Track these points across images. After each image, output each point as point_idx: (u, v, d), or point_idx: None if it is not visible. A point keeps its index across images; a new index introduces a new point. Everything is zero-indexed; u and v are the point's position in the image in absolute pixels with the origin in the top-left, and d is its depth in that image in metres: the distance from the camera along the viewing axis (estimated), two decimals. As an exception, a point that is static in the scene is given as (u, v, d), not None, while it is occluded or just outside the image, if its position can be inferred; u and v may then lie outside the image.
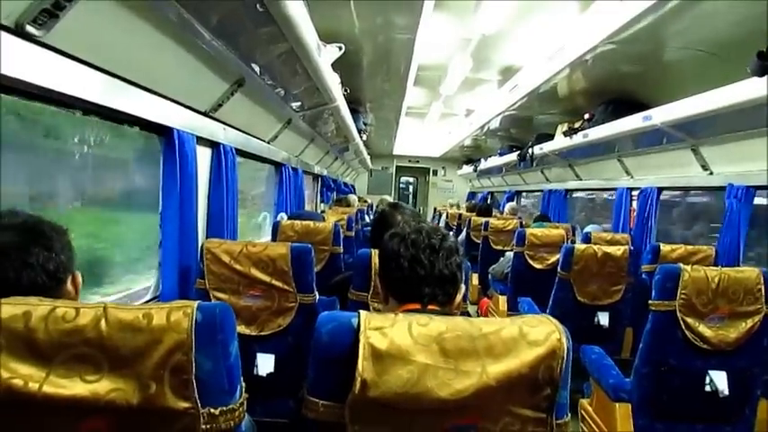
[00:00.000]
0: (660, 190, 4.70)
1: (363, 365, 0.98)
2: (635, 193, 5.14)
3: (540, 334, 1.04)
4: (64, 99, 1.75)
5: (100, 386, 0.96)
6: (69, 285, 1.26)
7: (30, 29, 1.43)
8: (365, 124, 7.67)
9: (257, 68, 2.72)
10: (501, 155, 8.74)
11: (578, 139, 5.17)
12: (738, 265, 3.46)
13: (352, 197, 8.34)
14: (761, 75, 2.55)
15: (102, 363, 0.97)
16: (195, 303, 1.02)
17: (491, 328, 1.03)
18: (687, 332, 2.25)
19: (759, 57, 2.52)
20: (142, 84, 2.15)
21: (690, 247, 3.56)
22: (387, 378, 0.99)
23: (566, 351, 1.03)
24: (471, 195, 13.88)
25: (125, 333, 0.97)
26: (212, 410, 1.02)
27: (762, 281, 2.22)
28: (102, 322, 0.97)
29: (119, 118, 2.16)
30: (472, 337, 1.02)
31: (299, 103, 3.83)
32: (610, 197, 6.11)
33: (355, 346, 1.00)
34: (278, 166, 4.90)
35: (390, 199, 8.16)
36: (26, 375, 0.93)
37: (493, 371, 1.00)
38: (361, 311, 1.05)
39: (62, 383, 0.95)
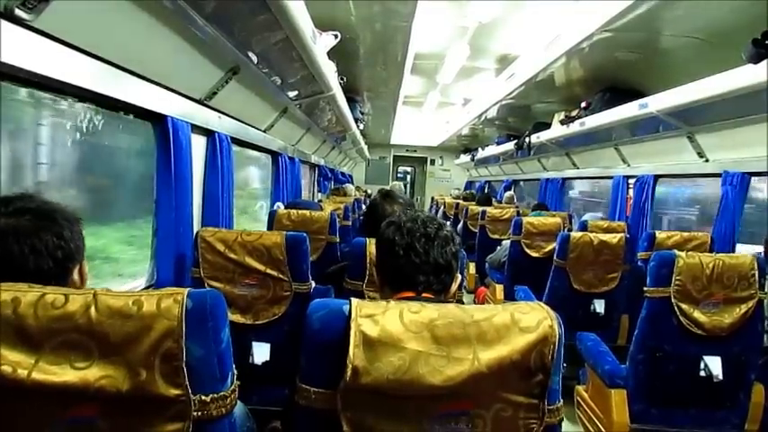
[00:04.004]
0: (656, 177, 4.70)
1: (355, 353, 0.99)
2: (631, 180, 5.15)
3: (531, 320, 1.04)
4: (56, 85, 1.73)
5: (90, 373, 0.96)
6: (76, 275, 1.25)
7: (19, 13, 1.41)
8: (362, 113, 7.64)
9: (252, 56, 2.70)
10: (498, 144, 8.74)
11: (575, 127, 5.16)
12: (733, 252, 3.47)
13: (349, 186, 8.33)
14: (756, 62, 2.55)
15: (91, 349, 0.97)
16: (186, 290, 1.02)
17: (483, 315, 1.03)
18: (682, 318, 2.26)
19: (754, 44, 2.52)
20: (135, 71, 2.13)
21: (685, 234, 3.58)
22: (378, 365, 0.99)
23: (557, 337, 1.04)
24: (469, 185, 13.89)
25: (115, 320, 0.97)
26: (203, 397, 1.03)
27: (755, 266, 2.23)
28: (92, 309, 0.97)
29: (112, 105, 2.15)
30: (464, 323, 1.02)
31: (295, 92, 3.81)
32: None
33: (347, 334, 1.00)
34: (274, 155, 4.88)
35: (400, 185, 8.16)
36: (15, 362, 0.93)
37: (485, 357, 1.00)
38: (352, 299, 1.05)
39: (52, 370, 0.95)
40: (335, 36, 3.71)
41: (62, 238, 1.20)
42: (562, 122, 5.48)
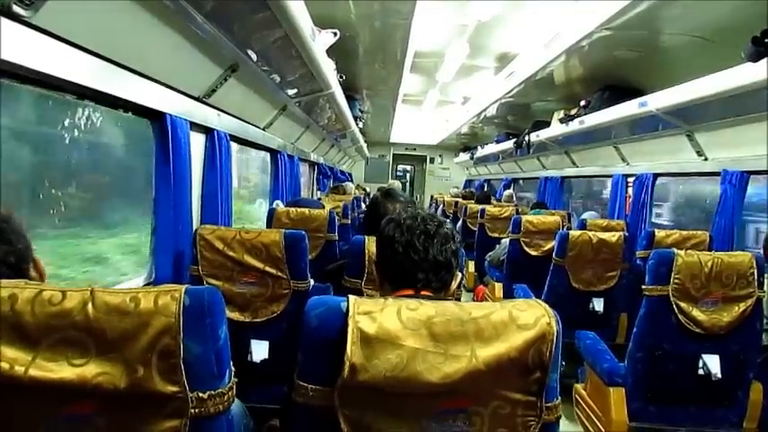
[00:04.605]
0: (655, 176, 4.70)
1: (352, 350, 0.98)
2: (630, 179, 5.15)
3: (529, 318, 1.04)
4: (54, 82, 1.73)
5: (87, 370, 0.96)
6: (33, 272, 1.23)
7: (16, 9, 1.40)
8: (361, 111, 7.64)
9: (251, 54, 2.70)
10: (498, 142, 8.73)
11: (574, 125, 5.16)
12: (732, 250, 3.46)
13: (348, 185, 8.33)
14: (755, 60, 2.55)
15: (89, 346, 0.97)
16: (183, 287, 1.02)
17: (480, 313, 1.03)
18: (681, 316, 2.26)
19: (753, 42, 2.52)
20: (134, 68, 2.12)
21: (684, 233, 3.59)
22: (376, 362, 0.99)
23: (555, 335, 1.04)
24: (468, 183, 13.89)
25: (112, 316, 0.97)
26: (201, 394, 1.03)
27: (754, 265, 2.23)
28: (89, 305, 0.97)
29: (110, 102, 2.14)
30: (461, 321, 1.02)
31: (294, 90, 3.80)
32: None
33: (344, 331, 1.00)
34: (273, 153, 4.88)
35: (398, 183, 8.18)
36: (12, 359, 0.93)
37: (482, 355, 1.00)
38: (350, 296, 1.05)
39: (49, 367, 0.95)
40: (335, 34, 3.71)
41: (9, 243, 1.17)
42: (561, 121, 5.48)
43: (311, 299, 1.08)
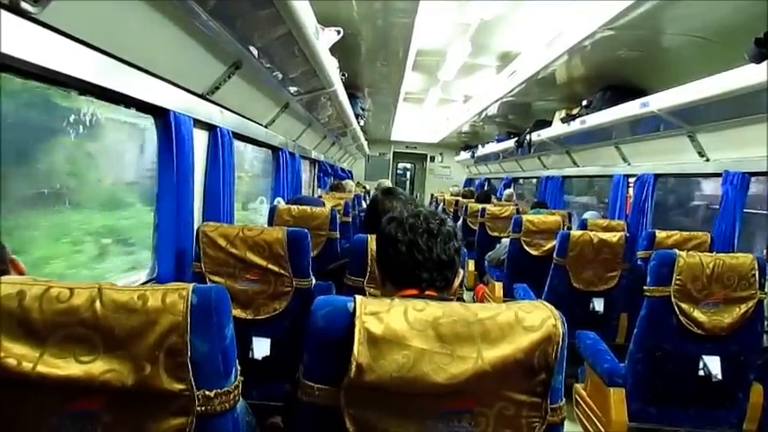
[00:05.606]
0: (656, 176, 4.70)
1: (359, 350, 0.99)
2: (631, 180, 5.15)
3: (535, 319, 1.04)
4: (59, 78, 1.73)
5: (94, 367, 0.96)
6: (13, 273, 1.23)
7: (25, 5, 1.40)
8: (363, 109, 7.63)
9: (255, 51, 2.70)
10: (499, 141, 8.74)
11: (576, 125, 5.16)
12: (733, 251, 3.47)
13: (349, 182, 8.32)
14: (758, 61, 2.55)
15: (96, 343, 0.97)
16: (191, 286, 1.02)
17: (487, 314, 1.03)
18: (681, 317, 2.26)
19: (756, 43, 2.52)
20: (139, 64, 2.13)
21: (685, 234, 3.59)
22: (382, 362, 0.99)
23: (561, 336, 1.04)
24: (468, 182, 13.88)
25: (120, 314, 0.97)
26: (207, 392, 1.03)
27: (756, 267, 2.23)
28: (97, 303, 0.97)
29: (114, 98, 2.14)
30: (468, 322, 1.02)
31: (296, 87, 3.80)
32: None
33: (351, 331, 1.00)
34: (275, 150, 4.88)
35: (388, 182, 8.17)
36: (20, 355, 0.94)
37: (488, 356, 1.01)
38: (357, 296, 1.05)
39: (56, 363, 0.95)
40: (338, 32, 3.70)
41: None
42: (563, 120, 5.48)
43: (317, 299, 1.08)
